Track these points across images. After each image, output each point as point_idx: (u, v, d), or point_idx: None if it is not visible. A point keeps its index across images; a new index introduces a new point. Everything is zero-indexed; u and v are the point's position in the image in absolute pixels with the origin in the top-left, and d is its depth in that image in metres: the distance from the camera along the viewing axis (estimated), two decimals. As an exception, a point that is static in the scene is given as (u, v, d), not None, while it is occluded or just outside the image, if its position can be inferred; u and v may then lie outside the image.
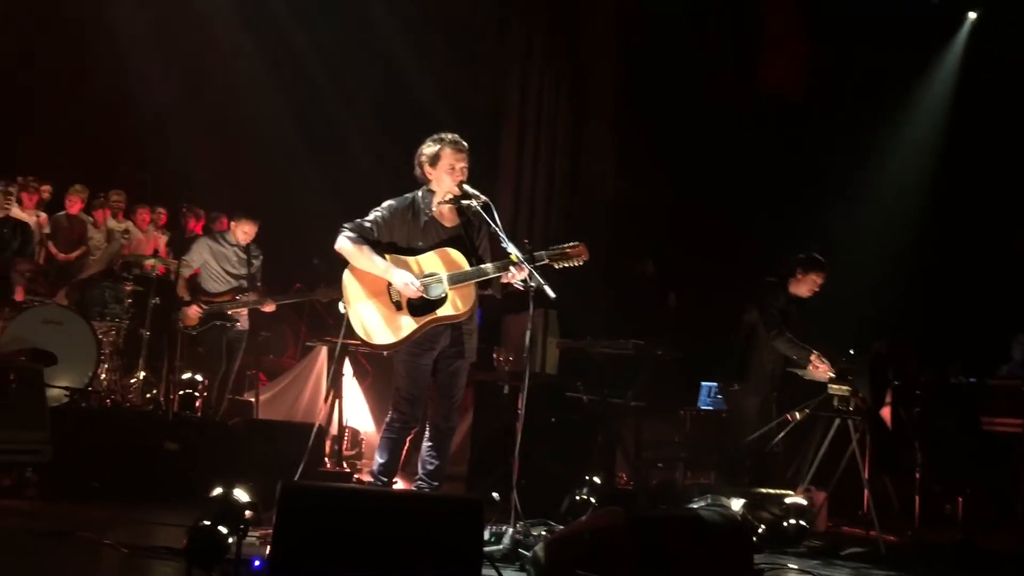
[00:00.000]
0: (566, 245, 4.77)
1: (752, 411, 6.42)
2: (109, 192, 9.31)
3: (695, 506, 4.94)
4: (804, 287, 6.48)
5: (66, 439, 5.55)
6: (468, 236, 4.81)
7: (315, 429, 5.38)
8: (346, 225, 4.71)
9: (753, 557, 4.20)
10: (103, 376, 7.02)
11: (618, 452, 7.22)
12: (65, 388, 6.26)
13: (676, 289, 8.92)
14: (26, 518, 4.45)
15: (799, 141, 9.41)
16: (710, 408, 7.83)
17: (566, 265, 4.75)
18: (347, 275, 4.71)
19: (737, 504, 5.34)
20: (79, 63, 9.80)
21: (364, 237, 4.67)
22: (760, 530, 5.38)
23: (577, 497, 5.93)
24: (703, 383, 7.92)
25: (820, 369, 6.09)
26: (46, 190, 8.86)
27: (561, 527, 4.86)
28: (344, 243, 4.66)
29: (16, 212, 7.89)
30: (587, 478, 6.13)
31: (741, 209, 9.22)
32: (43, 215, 8.80)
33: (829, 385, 6.08)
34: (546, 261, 4.70)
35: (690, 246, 9.19)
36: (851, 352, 6.13)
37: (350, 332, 4.70)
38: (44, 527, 4.23)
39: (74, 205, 8.96)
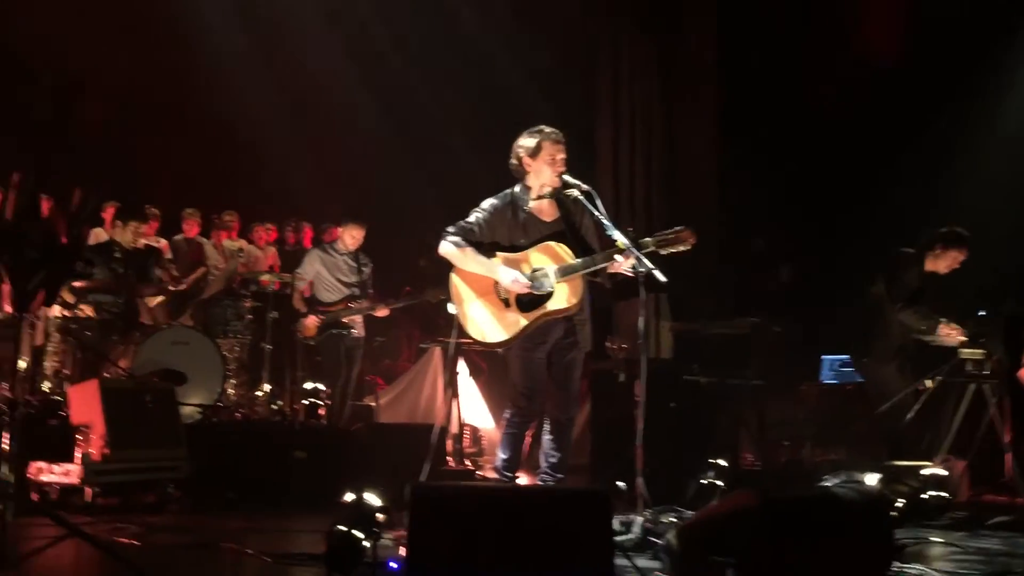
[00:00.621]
0: (671, 231, 4.70)
1: (889, 382, 6.20)
2: (223, 213, 9.64)
3: (828, 484, 4.80)
4: (943, 263, 6.17)
5: (201, 454, 5.78)
6: (570, 228, 4.79)
7: (437, 429, 5.44)
8: (448, 229, 4.77)
9: (894, 533, 4.06)
10: (231, 391, 7.27)
11: (742, 433, 7.08)
12: (197, 405, 6.50)
13: (790, 263, 8.72)
14: (172, 532, 4.63)
15: (907, 104, 9.00)
16: (834, 382, 7.61)
17: (672, 251, 4.67)
18: (454, 277, 4.77)
19: (872, 479, 5.16)
20: (184, 92, 10.18)
21: (467, 239, 4.70)
22: (899, 504, 5.19)
23: (703, 481, 5.84)
24: (824, 357, 7.70)
25: (950, 335, 5.84)
26: (157, 214, 9.22)
27: (690, 513, 4.80)
28: (448, 247, 4.72)
29: (141, 242, 8.25)
30: (712, 462, 6.02)
31: (852, 178, 8.88)
32: (163, 241, 9.17)
33: (960, 350, 5.83)
34: (652, 248, 4.63)
35: (803, 217, 8.90)
36: (982, 314, 5.86)
37: (462, 332, 4.75)
38: (189, 540, 4.40)
39: (191, 228, 9.31)
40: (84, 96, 10.11)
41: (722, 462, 6.07)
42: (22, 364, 6.29)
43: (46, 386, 6.34)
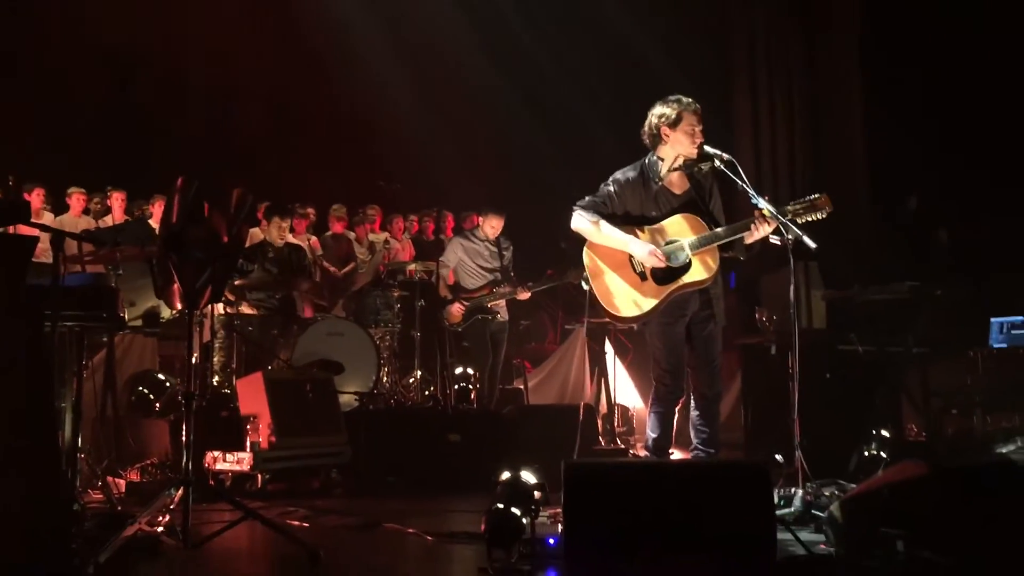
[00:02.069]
0: (807, 198, 4.54)
1: None
2: (366, 207, 9.93)
3: (1003, 451, 4.55)
4: None
5: (361, 440, 6.00)
6: (701, 200, 4.71)
7: (582, 407, 5.43)
8: (578, 203, 4.74)
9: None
10: (385, 379, 7.49)
11: (905, 403, 6.78)
12: (354, 393, 6.73)
13: (947, 223, 8.27)
14: (337, 515, 4.82)
15: None
16: (1004, 346, 7.17)
17: (810, 218, 4.51)
18: (586, 252, 4.75)
19: (1052, 446, 4.87)
20: (326, 94, 10.54)
21: (598, 212, 4.66)
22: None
23: (866, 453, 5.64)
24: (993, 320, 7.26)
25: None
26: (311, 213, 9.59)
27: (852, 486, 4.64)
28: (579, 221, 4.70)
29: (290, 238, 8.60)
30: (874, 432, 5.80)
31: (1011, 125, 8.32)
32: (313, 237, 9.53)
33: None
34: (790, 216, 4.48)
35: (961, 171, 8.41)
36: None
37: (596, 307, 4.71)
38: (354, 522, 4.57)
39: (337, 225, 9.64)
40: (236, 102, 10.60)
41: (885, 433, 5.84)
42: (194, 360, 6.70)
43: (215, 380, 6.69)
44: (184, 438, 3.81)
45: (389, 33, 10.40)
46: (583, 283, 4.79)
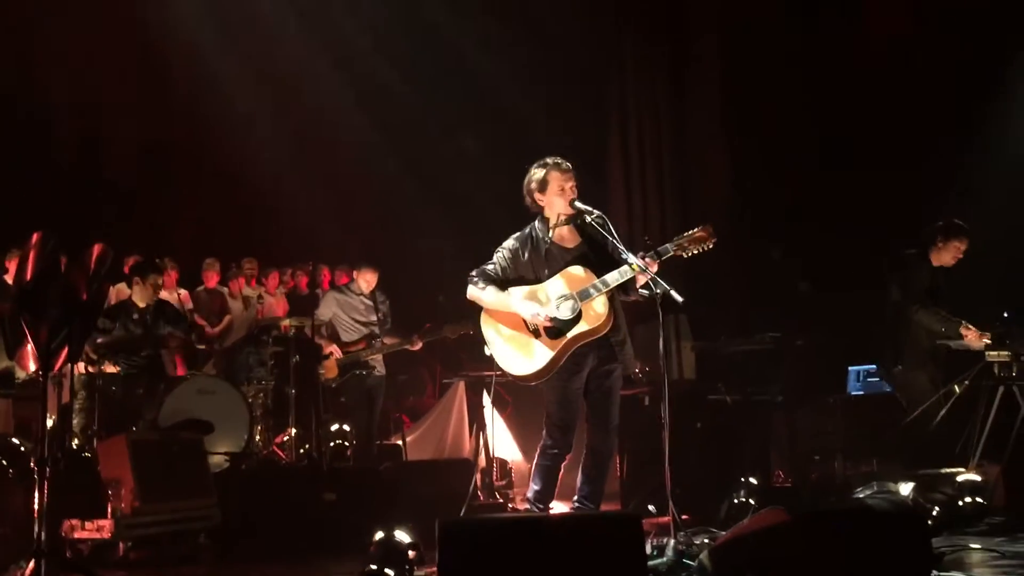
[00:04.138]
0: (691, 231, 4.69)
1: (922, 389, 6.17)
2: (242, 261, 9.72)
3: (861, 495, 4.75)
4: (947, 255, 6.23)
5: (232, 502, 5.79)
6: (593, 251, 4.79)
7: (477, 462, 5.38)
8: (472, 274, 4.82)
9: (931, 541, 4.01)
10: (257, 437, 7.29)
11: (771, 450, 7.02)
12: (224, 453, 6.51)
13: (808, 274, 8.66)
14: (206, 583, 4.63)
15: (918, 81, 8.82)
16: (860, 393, 7.53)
17: (695, 251, 4.67)
18: (483, 318, 4.82)
19: (906, 488, 5.10)
20: (193, 143, 10.32)
21: (488, 280, 4.76)
22: (935, 512, 5.12)
23: (735, 500, 5.80)
24: (850, 368, 7.63)
25: (972, 336, 5.80)
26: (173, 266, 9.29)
27: (723, 533, 4.75)
28: (472, 290, 4.79)
29: (162, 294, 8.31)
30: (743, 480, 5.98)
31: (869, 170, 8.76)
32: (183, 292, 9.25)
33: (987, 352, 5.78)
34: (672, 252, 4.64)
35: (821, 224, 8.82)
36: (1005, 315, 5.82)
37: (498, 369, 4.77)
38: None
39: (211, 279, 9.39)
40: (104, 149, 10.26)
41: (753, 480, 6.03)
42: (50, 423, 6.36)
43: (75, 443, 6.37)
44: (37, 506, 3.60)
45: (262, 85, 10.30)
46: (485, 349, 4.83)
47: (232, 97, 10.12)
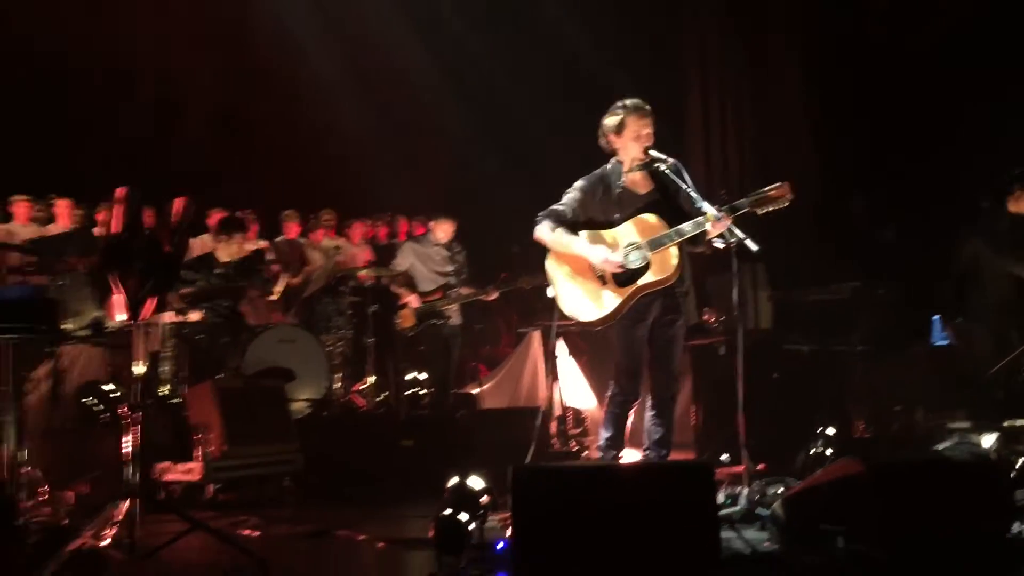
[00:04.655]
0: (767, 188, 4.60)
1: (983, 342, 6.02)
2: (320, 212, 9.87)
3: (941, 447, 4.66)
4: None
5: (313, 447, 5.98)
6: (665, 198, 4.74)
7: (540, 414, 5.45)
8: (540, 214, 4.77)
9: (1013, 494, 3.93)
10: (337, 385, 7.47)
11: (850, 401, 6.91)
12: (306, 400, 6.70)
13: (893, 221, 8.43)
14: (289, 523, 4.80)
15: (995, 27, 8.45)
16: (945, 343, 7.34)
17: (771, 209, 4.57)
18: (549, 260, 4.78)
19: (989, 440, 4.99)
20: (276, 101, 10.46)
21: (558, 220, 4.70)
22: (1019, 464, 4.99)
23: (812, 451, 5.74)
24: (935, 317, 7.44)
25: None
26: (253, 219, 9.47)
27: (798, 483, 4.73)
28: (541, 231, 4.73)
29: (246, 247, 8.49)
30: (820, 431, 5.91)
31: (954, 124, 8.48)
32: (264, 243, 9.45)
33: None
34: (747, 208, 4.56)
35: (905, 175, 8.56)
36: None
37: (562, 315, 4.77)
38: (305, 530, 4.56)
39: (291, 230, 9.56)
40: (184, 110, 10.48)
41: (830, 430, 5.95)
42: (140, 369, 6.62)
43: (165, 390, 6.63)
44: (129, 449, 3.77)
45: (340, 42, 10.37)
46: (548, 291, 4.80)
47: (309, 54, 10.21)
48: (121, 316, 3.73)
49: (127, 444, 3.84)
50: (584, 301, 4.67)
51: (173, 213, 3.90)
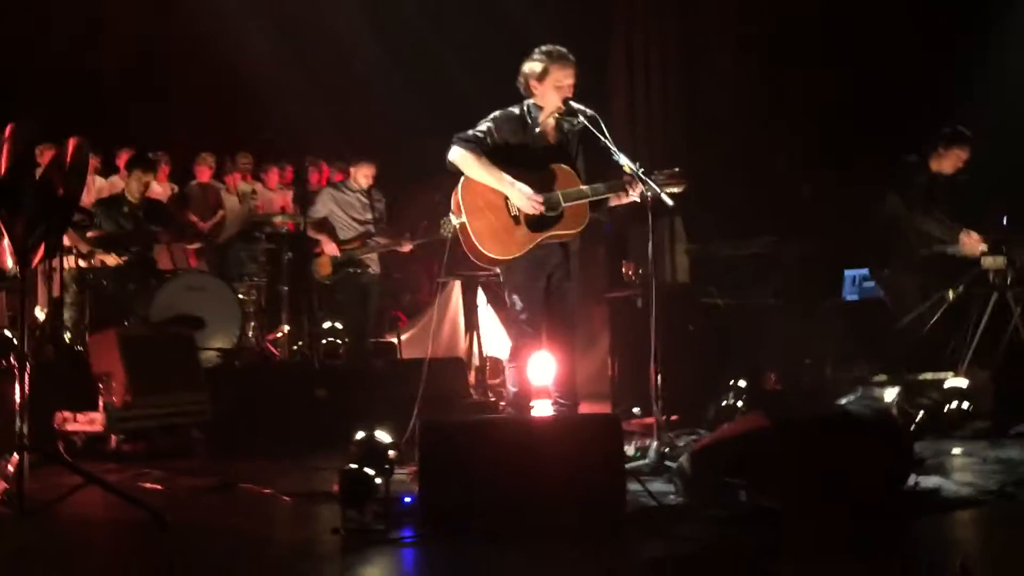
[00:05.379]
0: (669, 170, 4.60)
1: (910, 294, 6.16)
2: (236, 155, 9.58)
3: (844, 401, 4.76)
4: (947, 163, 6.17)
5: (224, 397, 5.83)
6: (567, 155, 4.73)
7: (425, 363, 5.28)
8: (459, 136, 4.62)
9: (912, 447, 4.03)
10: (250, 334, 7.31)
11: (762, 354, 7.03)
12: (217, 349, 6.54)
13: (809, 179, 8.53)
14: (194, 476, 4.68)
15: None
16: (855, 298, 7.50)
17: (670, 190, 4.51)
18: (462, 185, 4.58)
19: (891, 394, 5.13)
20: (188, 37, 10.06)
21: (480, 146, 4.58)
22: (919, 418, 5.15)
23: (724, 403, 5.84)
24: (846, 272, 7.59)
25: (970, 243, 5.74)
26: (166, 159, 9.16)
27: (708, 435, 4.79)
28: (460, 153, 4.56)
29: (153, 190, 8.21)
30: (732, 383, 6.00)
31: (870, 85, 8.58)
32: (175, 187, 9.16)
33: (983, 259, 5.73)
34: (654, 187, 4.47)
35: (821, 130, 8.65)
36: (1004, 222, 5.74)
37: (464, 245, 4.56)
38: (210, 483, 4.46)
39: (204, 173, 9.28)
40: (96, 44, 10.03)
41: (742, 383, 6.05)
42: (40, 316, 6.38)
43: (67, 337, 6.40)
44: (18, 400, 3.62)
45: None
46: (451, 218, 4.59)
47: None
48: (9, 263, 3.54)
49: (17, 394, 3.68)
50: (494, 237, 4.52)
51: (67, 154, 3.71)
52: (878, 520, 3.40)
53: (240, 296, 7.20)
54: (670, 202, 4.40)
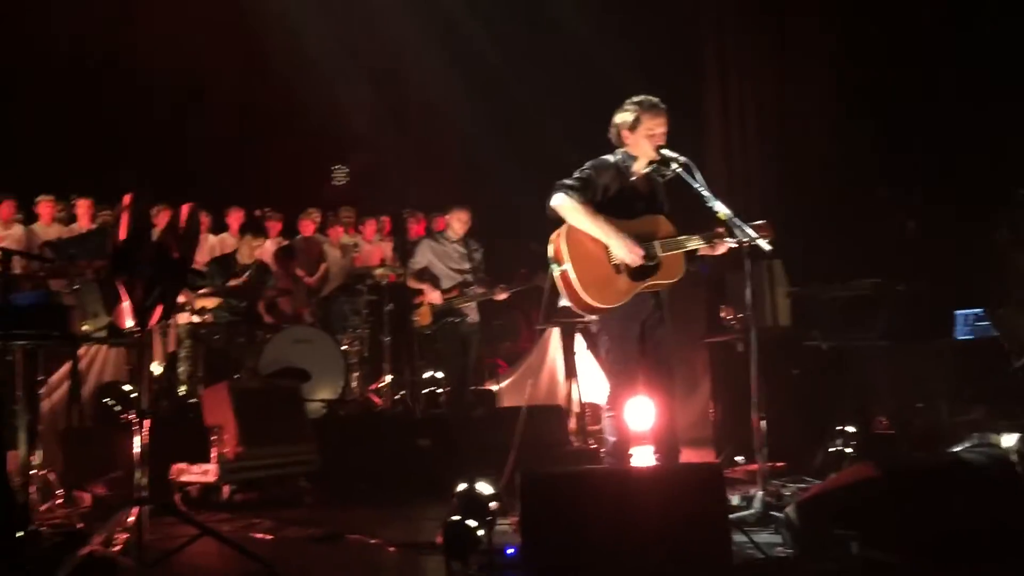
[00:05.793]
0: (754, 223, 4.52)
1: None
2: (339, 209, 9.88)
3: (959, 448, 4.58)
4: None
5: (330, 448, 5.97)
6: (658, 203, 4.76)
7: (523, 411, 5.29)
8: (561, 183, 4.63)
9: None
10: (353, 384, 7.47)
11: (871, 398, 6.82)
12: (322, 401, 6.70)
13: (914, 215, 8.29)
14: (303, 525, 4.80)
15: None
16: (969, 337, 7.22)
17: (755, 242, 4.47)
18: (565, 233, 4.56)
19: (1010, 439, 4.89)
20: (285, 98, 10.48)
21: (583, 194, 4.58)
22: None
23: (831, 449, 5.68)
24: (957, 312, 7.31)
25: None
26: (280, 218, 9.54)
27: (816, 482, 4.67)
28: (564, 200, 4.55)
29: (264, 251, 8.49)
30: (839, 428, 5.84)
31: (976, 120, 8.33)
32: (285, 241, 9.48)
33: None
34: (742, 238, 4.42)
35: (926, 166, 8.42)
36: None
37: (563, 290, 4.55)
38: (318, 533, 4.56)
39: (308, 227, 9.59)
40: (198, 106, 10.53)
41: (850, 428, 5.87)
42: (156, 370, 6.67)
43: (181, 390, 6.66)
44: (138, 455, 3.78)
45: (353, 41, 10.37)
46: (552, 266, 4.59)
47: (323, 56, 10.23)
48: (129, 323, 3.73)
49: (136, 448, 3.84)
50: (596, 285, 4.51)
51: (181, 218, 3.90)
52: (996, 574, 3.26)
53: (343, 347, 7.37)
54: (767, 247, 4.35)
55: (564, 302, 4.74)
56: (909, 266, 7.27)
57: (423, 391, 7.24)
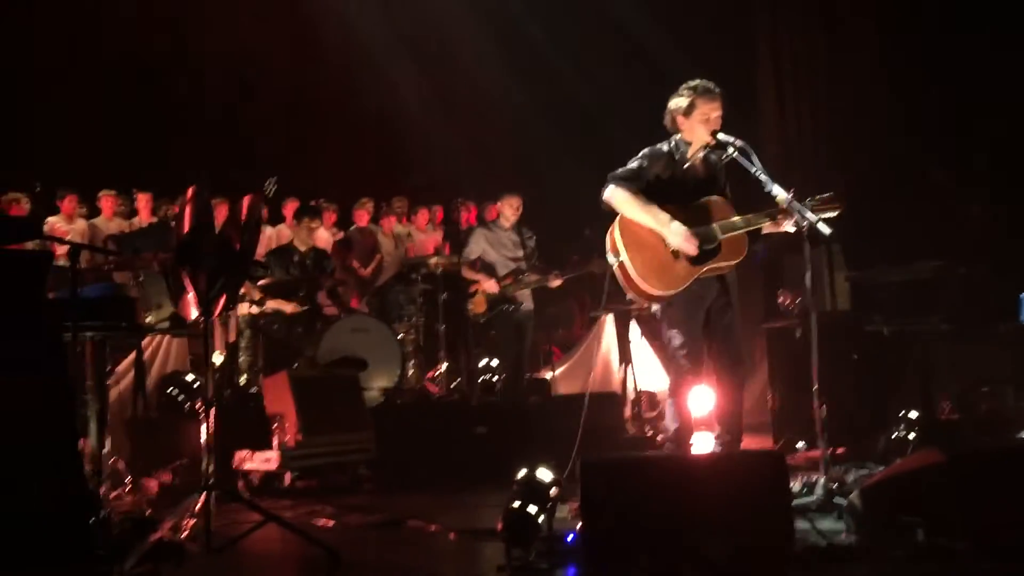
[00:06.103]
0: (822, 195, 4.50)
1: None
2: (392, 199, 9.95)
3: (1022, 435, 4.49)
4: None
5: (388, 435, 6.04)
6: (718, 186, 4.72)
7: (586, 398, 5.27)
8: (613, 174, 4.63)
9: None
10: (410, 373, 7.53)
11: (934, 383, 6.69)
12: (379, 388, 6.77)
13: (980, 197, 8.11)
14: (363, 512, 4.86)
15: None
16: (1037, 320, 7.04)
17: (824, 215, 4.40)
18: (619, 225, 4.56)
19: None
20: (338, 89, 10.57)
21: (635, 184, 4.57)
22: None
23: (894, 435, 5.58)
24: (1022, 296, 7.13)
25: None
26: (335, 208, 9.63)
27: (880, 468, 4.61)
28: (617, 192, 4.56)
29: (319, 237, 8.59)
30: (903, 414, 5.74)
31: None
32: (340, 232, 9.59)
33: None
34: (809, 216, 4.37)
35: (990, 149, 8.21)
36: None
37: (621, 283, 4.56)
38: (379, 519, 4.62)
39: (362, 218, 9.67)
40: (253, 98, 10.67)
41: (913, 414, 5.77)
42: (218, 360, 6.80)
43: (242, 380, 6.77)
44: (204, 443, 3.86)
45: (405, 31, 10.43)
46: (608, 257, 4.59)
47: (375, 45, 10.30)
48: (194, 314, 3.81)
49: (203, 436, 3.93)
50: (655, 273, 4.49)
51: (242, 210, 3.96)
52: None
53: (399, 336, 7.43)
54: (827, 231, 4.28)
55: (628, 296, 4.72)
56: (971, 249, 7.12)
57: (479, 379, 7.27)
